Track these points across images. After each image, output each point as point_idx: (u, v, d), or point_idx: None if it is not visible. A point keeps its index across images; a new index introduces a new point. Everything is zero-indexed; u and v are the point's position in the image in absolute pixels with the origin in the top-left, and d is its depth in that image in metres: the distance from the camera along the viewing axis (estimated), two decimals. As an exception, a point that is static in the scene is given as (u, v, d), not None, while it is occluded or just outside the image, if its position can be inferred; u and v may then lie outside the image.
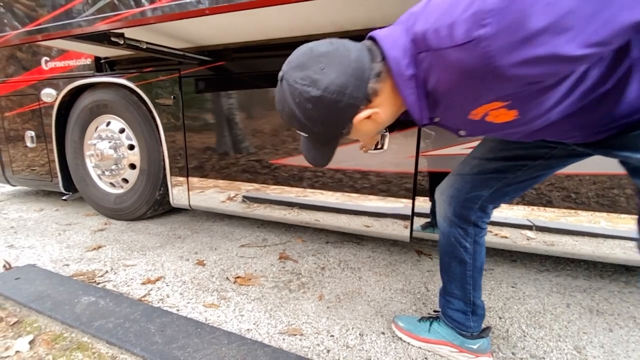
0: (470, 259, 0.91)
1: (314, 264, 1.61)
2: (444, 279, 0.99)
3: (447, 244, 0.93)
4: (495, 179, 0.84)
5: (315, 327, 1.13)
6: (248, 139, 1.76)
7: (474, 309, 0.94)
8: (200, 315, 1.18)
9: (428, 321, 1.03)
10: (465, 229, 0.89)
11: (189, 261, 1.65)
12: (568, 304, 1.30)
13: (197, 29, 1.45)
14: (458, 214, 0.88)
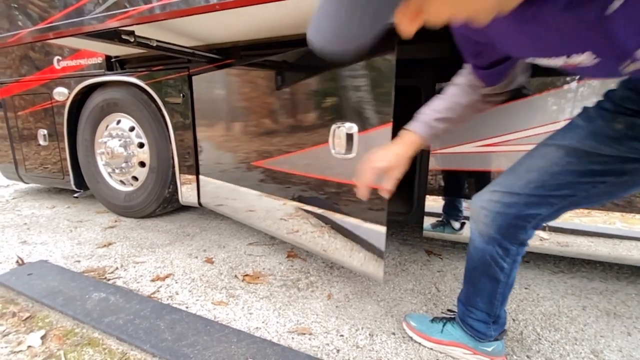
0: (505, 277, 0.84)
1: (322, 263, 1.60)
2: (467, 291, 0.92)
3: (480, 261, 0.84)
4: (560, 198, 0.72)
5: (324, 326, 1.12)
6: (257, 138, 1.75)
7: (496, 319, 0.90)
8: (209, 312, 1.18)
9: (441, 322, 1.00)
10: (507, 249, 0.80)
11: (197, 259, 1.65)
12: (584, 306, 1.27)
13: (206, 26, 1.45)
14: (504, 233, 0.78)
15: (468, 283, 0.92)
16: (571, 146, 0.70)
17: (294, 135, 1.42)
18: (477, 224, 0.84)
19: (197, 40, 1.73)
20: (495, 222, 0.78)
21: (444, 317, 1.02)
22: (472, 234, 0.87)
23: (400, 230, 2.05)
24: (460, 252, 1.73)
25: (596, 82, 1.16)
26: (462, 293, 0.95)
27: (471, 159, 1.35)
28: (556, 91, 1.21)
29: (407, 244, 1.85)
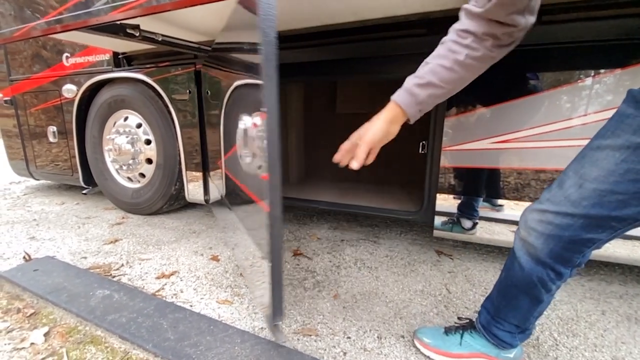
0: (548, 298, 0.77)
1: (329, 262, 1.57)
2: (499, 303, 0.84)
3: (524, 281, 0.76)
4: (623, 221, 0.62)
5: (331, 327, 1.08)
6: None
7: (524, 330, 0.84)
8: (213, 311, 1.15)
9: (457, 333, 0.93)
10: (561, 273, 0.72)
11: (203, 256, 1.63)
12: (603, 311, 1.21)
13: (213, 20, 1.42)
14: (557, 256, 0.69)
15: (501, 296, 0.83)
16: (629, 144, 0.58)
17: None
18: (525, 244, 0.74)
19: (203, 35, 1.70)
20: (547, 245, 0.69)
21: (458, 327, 0.95)
22: (518, 251, 0.77)
23: (409, 230, 2.00)
24: (471, 252, 1.68)
25: (611, 78, 1.10)
26: (489, 302, 0.87)
27: (485, 156, 1.30)
28: (572, 86, 1.15)
29: (417, 244, 1.80)
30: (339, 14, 1.34)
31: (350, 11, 1.31)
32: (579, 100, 1.16)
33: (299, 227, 2.06)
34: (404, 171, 2.28)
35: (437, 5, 1.24)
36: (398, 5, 1.25)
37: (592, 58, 1.14)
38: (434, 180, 1.46)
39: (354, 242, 1.82)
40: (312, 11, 1.30)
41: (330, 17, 1.39)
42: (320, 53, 1.62)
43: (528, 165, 1.25)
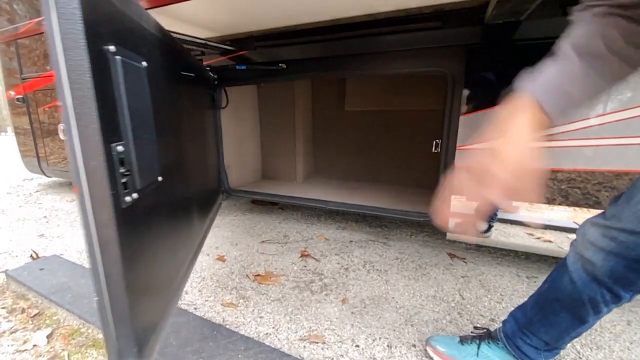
0: (594, 320, 0.70)
1: (337, 264, 1.52)
2: (532, 316, 0.78)
3: (571, 297, 0.69)
4: None
5: (338, 334, 1.04)
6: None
7: (553, 349, 0.78)
8: (217, 315, 1.12)
9: (474, 343, 0.88)
10: (619, 296, 0.65)
11: (209, 256, 1.61)
12: (629, 321, 1.13)
13: (218, 14, 1.39)
14: (618, 277, 0.63)
15: (538, 309, 0.77)
16: None
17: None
18: (581, 259, 0.68)
19: (211, 31, 1.67)
20: (608, 263, 0.63)
21: (475, 336, 0.90)
22: (571, 265, 0.70)
23: (420, 231, 1.94)
24: (485, 255, 1.61)
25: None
26: (521, 312, 0.81)
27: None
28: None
29: (428, 246, 1.74)
30: (350, 7, 1.29)
31: (360, 4, 1.25)
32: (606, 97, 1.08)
33: (307, 226, 2.02)
34: (415, 171, 2.22)
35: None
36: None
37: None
38: (447, 181, 1.39)
39: (363, 243, 1.77)
40: (322, 4, 1.25)
41: (341, 10, 1.34)
42: (330, 48, 1.57)
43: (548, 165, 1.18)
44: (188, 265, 0.94)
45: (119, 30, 0.56)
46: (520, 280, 1.38)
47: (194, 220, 1.07)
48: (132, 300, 0.53)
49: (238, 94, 2.13)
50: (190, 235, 1.01)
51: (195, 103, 1.36)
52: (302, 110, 2.30)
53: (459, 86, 1.30)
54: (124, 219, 0.52)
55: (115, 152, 0.51)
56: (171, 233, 0.80)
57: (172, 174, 0.85)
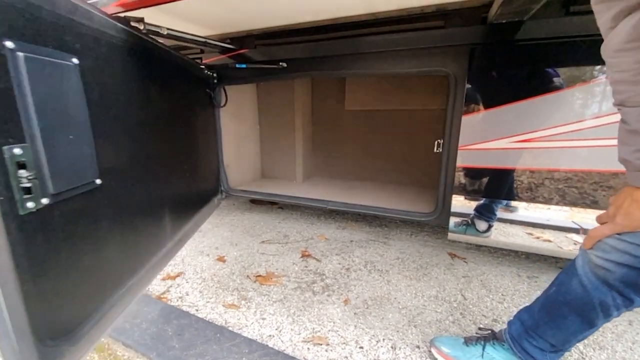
0: (602, 323, 0.70)
1: (338, 264, 1.52)
2: (539, 318, 0.77)
3: (581, 301, 0.69)
4: None
5: (342, 336, 1.04)
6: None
7: (558, 350, 0.78)
8: (219, 317, 1.11)
9: (479, 344, 0.88)
10: (630, 299, 0.64)
11: (209, 257, 1.60)
12: (630, 321, 1.14)
13: (219, 11, 1.37)
14: (630, 283, 0.62)
15: (545, 312, 0.76)
16: None
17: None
18: (591, 264, 0.67)
19: (210, 29, 1.65)
20: (620, 270, 0.62)
21: (479, 337, 0.90)
22: (580, 269, 0.70)
23: (420, 230, 1.94)
24: (486, 255, 1.62)
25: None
26: (527, 314, 0.81)
27: (504, 156, 1.23)
28: (590, 85, 1.07)
29: (428, 245, 1.74)
30: (351, 6, 1.28)
31: (362, 3, 1.24)
32: (597, 97, 1.08)
33: (307, 226, 2.01)
34: (416, 170, 2.22)
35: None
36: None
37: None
38: (449, 181, 1.39)
39: (364, 243, 1.77)
40: (323, 3, 1.24)
41: (342, 9, 1.33)
42: (331, 48, 1.56)
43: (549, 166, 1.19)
44: (151, 263, 0.93)
45: (26, 26, 0.54)
46: (521, 280, 1.39)
47: (163, 219, 1.06)
48: (32, 304, 0.52)
49: (238, 93, 2.11)
50: (154, 234, 0.99)
51: (180, 102, 1.34)
52: (302, 109, 2.28)
53: (461, 86, 1.30)
54: (25, 225, 0.50)
55: (10, 155, 0.48)
56: (117, 233, 0.78)
57: (127, 176, 0.83)
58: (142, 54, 1.01)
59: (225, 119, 1.96)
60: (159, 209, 1.05)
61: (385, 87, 2.13)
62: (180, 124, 1.35)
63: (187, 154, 1.40)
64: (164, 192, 1.10)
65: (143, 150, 0.95)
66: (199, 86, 1.66)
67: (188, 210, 1.38)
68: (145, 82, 1.02)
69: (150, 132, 1.02)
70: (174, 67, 1.31)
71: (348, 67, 1.57)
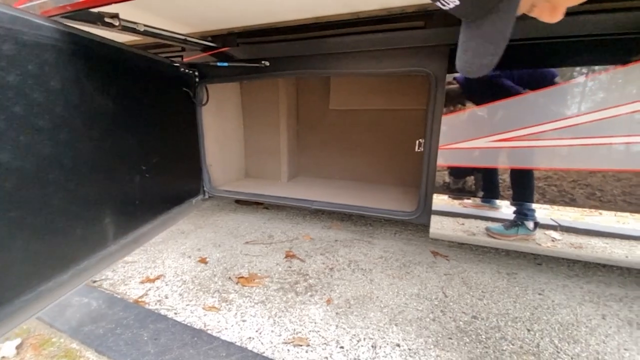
0: None
1: (322, 264, 1.51)
2: None
3: None
4: None
5: (323, 336, 1.03)
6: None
7: None
8: (199, 319, 1.09)
9: None
10: None
11: (191, 258, 1.57)
12: (604, 315, 1.17)
13: (201, 9, 1.34)
14: None
15: None
16: None
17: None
18: None
19: (190, 27, 1.62)
20: None
21: None
22: None
23: (404, 229, 1.96)
24: (468, 253, 1.64)
25: (605, 77, 1.06)
26: None
27: (484, 155, 1.25)
28: (571, 84, 1.10)
29: (412, 244, 1.76)
30: (332, 5, 1.27)
31: (343, 2, 1.24)
32: (576, 98, 1.11)
33: (292, 226, 2.00)
34: (400, 170, 2.23)
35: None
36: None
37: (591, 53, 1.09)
38: (430, 180, 1.41)
39: (348, 242, 1.77)
40: (303, 1, 1.23)
41: (324, 8, 1.32)
42: (313, 47, 1.55)
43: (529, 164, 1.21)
44: (80, 267, 0.93)
45: None
46: (501, 277, 1.41)
47: (99, 221, 1.05)
48: None
49: (221, 91, 2.08)
50: (82, 236, 0.98)
51: (139, 101, 1.32)
52: (287, 108, 2.27)
53: (441, 86, 1.31)
54: None
55: None
56: (19, 237, 0.78)
57: (38, 178, 0.82)
58: (81, 54, 1.00)
59: (208, 117, 1.92)
60: (92, 211, 1.03)
61: (370, 87, 2.13)
62: (139, 122, 1.32)
63: (147, 154, 1.36)
64: (101, 195, 1.08)
65: (70, 151, 0.94)
66: (173, 85, 1.62)
67: (147, 212, 1.36)
68: (81, 80, 1.00)
69: (84, 131, 1.00)
70: (131, 65, 1.29)
71: (331, 67, 1.56)
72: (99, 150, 1.08)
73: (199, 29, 1.66)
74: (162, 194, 1.51)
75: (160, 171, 1.48)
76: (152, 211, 1.42)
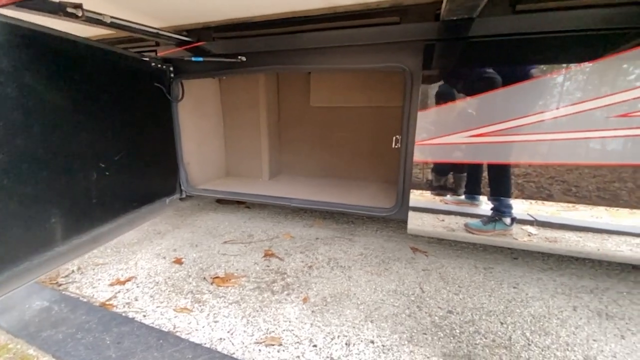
0: None
1: (301, 262, 1.49)
2: None
3: None
4: None
5: (296, 335, 1.01)
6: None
7: None
8: (168, 321, 1.06)
9: None
10: None
11: (165, 259, 1.52)
12: (575, 306, 1.19)
13: (172, 3, 1.30)
14: None
15: None
16: None
17: None
18: None
19: (162, 21, 1.57)
20: None
21: None
22: None
23: (385, 226, 1.96)
24: (446, 248, 1.65)
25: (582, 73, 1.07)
26: None
27: (461, 151, 1.25)
28: (546, 78, 1.11)
29: (392, 241, 1.75)
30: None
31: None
32: (555, 92, 1.13)
33: (273, 225, 1.98)
34: (380, 166, 2.23)
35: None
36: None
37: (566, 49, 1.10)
38: (407, 176, 1.40)
39: (329, 240, 1.75)
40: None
41: (300, 2, 1.30)
42: (291, 41, 1.52)
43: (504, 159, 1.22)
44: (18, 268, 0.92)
45: None
46: (478, 272, 1.42)
47: (44, 222, 1.02)
48: None
49: (198, 88, 2.03)
50: (21, 236, 0.96)
51: (97, 96, 1.27)
52: (267, 105, 2.23)
53: (417, 82, 1.31)
54: None
55: None
56: None
57: None
58: (20, 45, 0.98)
59: (185, 114, 1.88)
60: (33, 211, 0.99)
61: (350, 84, 2.12)
62: (96, 119, 1.27)
63: (106, 151, 1.31)
64: (45, 194, 1.03)
65: (4, 147, 0.90)
66: (142, 80, 1.57)
67: (107, 211, 1.32)
68: (21, 73, 0.98)
69: (23, 127, 0.96)
70: (85, 58, 1.24)
71: (308, 62, 1.54)
72: (43, 147, 1.03)
73: (172, 23, 1.61)
74: (127, 192, 1.46)
75: (125, 169, 1.43)
76: (115, 210, 1.37)
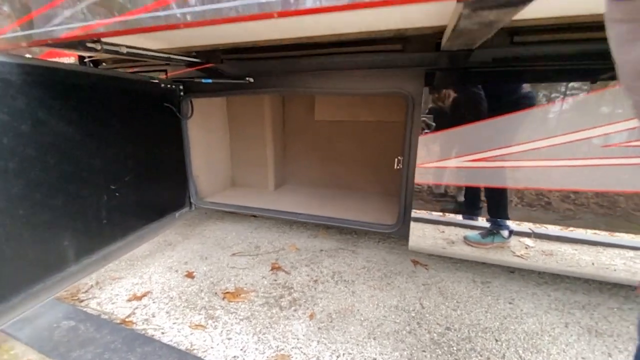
0: None
1: (306, 276, 1.57)
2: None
3: None
4: None
5: (305, 352, 1.09)
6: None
7: None
8: (185, 339, 1.13)
9: None
10: None
11: (177, 273, 1.60)
12: (566, 323, 1.26)
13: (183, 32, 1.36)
14: None
15: None
16: None
17: None
18: None
19: (173, 44, 1.63)
20: None
21: None
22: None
23: (387, 238, 2.03)
24: (446, 262, 1.72)
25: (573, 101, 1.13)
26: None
27: (460, 174, 1.32)
28: (546, 107, 1.17)
29: (394, 253, 1.83)
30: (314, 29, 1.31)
31: (325, 27, 1.28)
32: (554, 118, 1.18)
33: (279, 235, 2.05)
34: (384, 179, 2.30)
35: (412, 23, 1.23)
36: (375, 22, 1.23)
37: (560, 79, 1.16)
38: (409, 196, 1.47)
39: (333, 252, 1.83)
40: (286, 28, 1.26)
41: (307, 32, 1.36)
42: (297, 65, 1.58)
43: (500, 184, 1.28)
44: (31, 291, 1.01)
45: None
46: (476, 286, 1.49)
47: (56, 244, 1.10)
48: None
49: (207, 104, 2.10)
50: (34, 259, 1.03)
51: (102, 122, 1.34)
52: (273, 119, 2.30)
53: (418, 108, 1.37)
54: None
55: None
56: None
57: None
58: (30, 82, 1.04)
59: (194, 130, 1.94)
60: (47, 235, 1.07)
61: (353, 100, 2.18)
62: (107, 145, 1.34)
63: (117, 174, 1.38)
64: (58, 219, 1.11)
65: (20, 180, 0.98)
66: (152, 101, 1.64)
67: (117, 230, 1.40)
68: (33, 109, 1.04)
69: (36, 160, 1.03)
70: (95, 87, 1.31)
71: (313, 85, 1.60)
72: (56, 177, 1.10)
73: (182, 45, 1.67)
74: (137, 210, 1.53)
75: (136, 188, 1.50)
76: (125, 228, 1.45)
